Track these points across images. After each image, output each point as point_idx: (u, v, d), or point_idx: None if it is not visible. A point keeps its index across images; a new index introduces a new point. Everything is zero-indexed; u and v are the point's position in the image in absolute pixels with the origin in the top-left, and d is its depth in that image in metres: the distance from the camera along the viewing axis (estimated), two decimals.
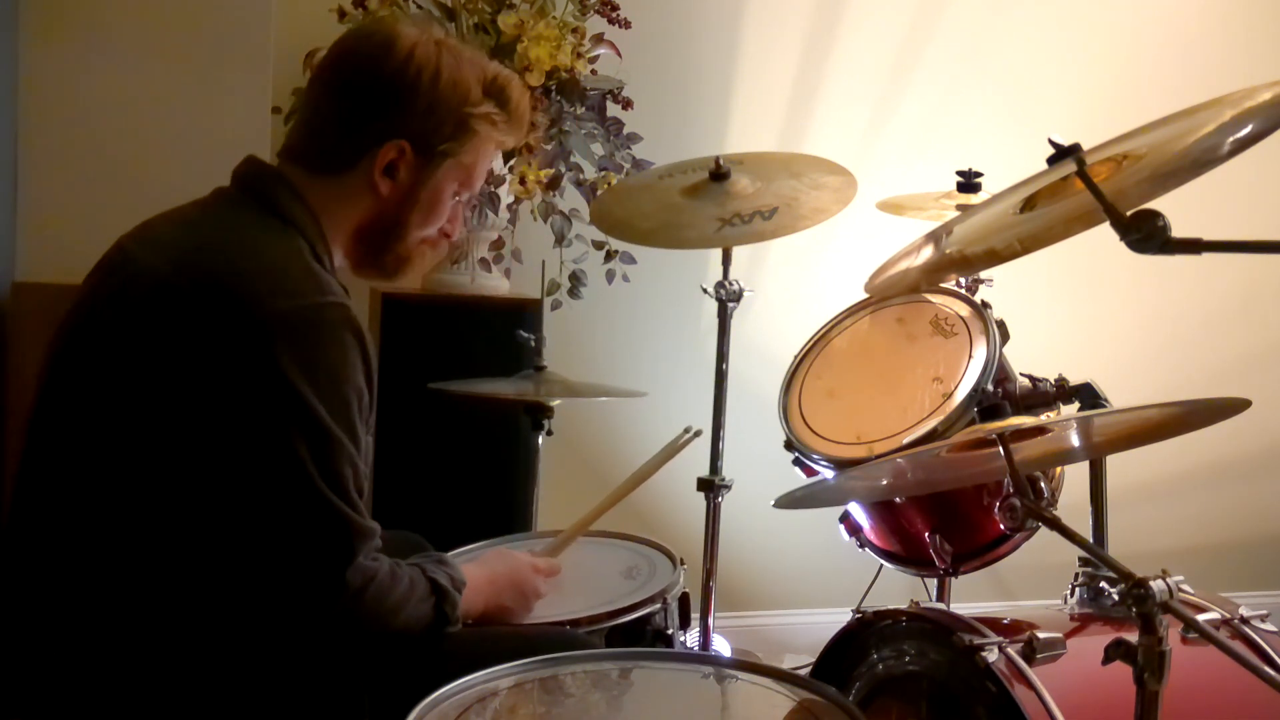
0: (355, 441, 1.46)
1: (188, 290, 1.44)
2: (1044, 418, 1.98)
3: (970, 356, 2.03)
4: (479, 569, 1.72)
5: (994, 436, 1.49)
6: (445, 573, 1.58)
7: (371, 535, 1.48)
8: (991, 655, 1.60)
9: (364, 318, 2.77)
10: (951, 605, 2.26)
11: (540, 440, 2.36)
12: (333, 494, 1.42)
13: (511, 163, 2.61)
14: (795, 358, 2.23)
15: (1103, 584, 1.86)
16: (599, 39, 2.66)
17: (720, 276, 2.48)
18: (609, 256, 2.71)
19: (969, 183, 2.64)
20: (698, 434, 2.20)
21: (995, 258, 1.88)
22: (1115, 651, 1.28)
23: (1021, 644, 1.61)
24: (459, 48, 1.61)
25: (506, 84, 1.62)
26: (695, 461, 2.54)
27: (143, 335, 1.44)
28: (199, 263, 1.47)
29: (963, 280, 2.42)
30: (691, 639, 2.32)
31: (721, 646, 2.67)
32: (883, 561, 2.21)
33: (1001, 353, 2.05)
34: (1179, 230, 1.25)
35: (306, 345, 1.42)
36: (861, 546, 2.18)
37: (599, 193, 2.63)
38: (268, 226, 1.52)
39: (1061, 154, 1.39)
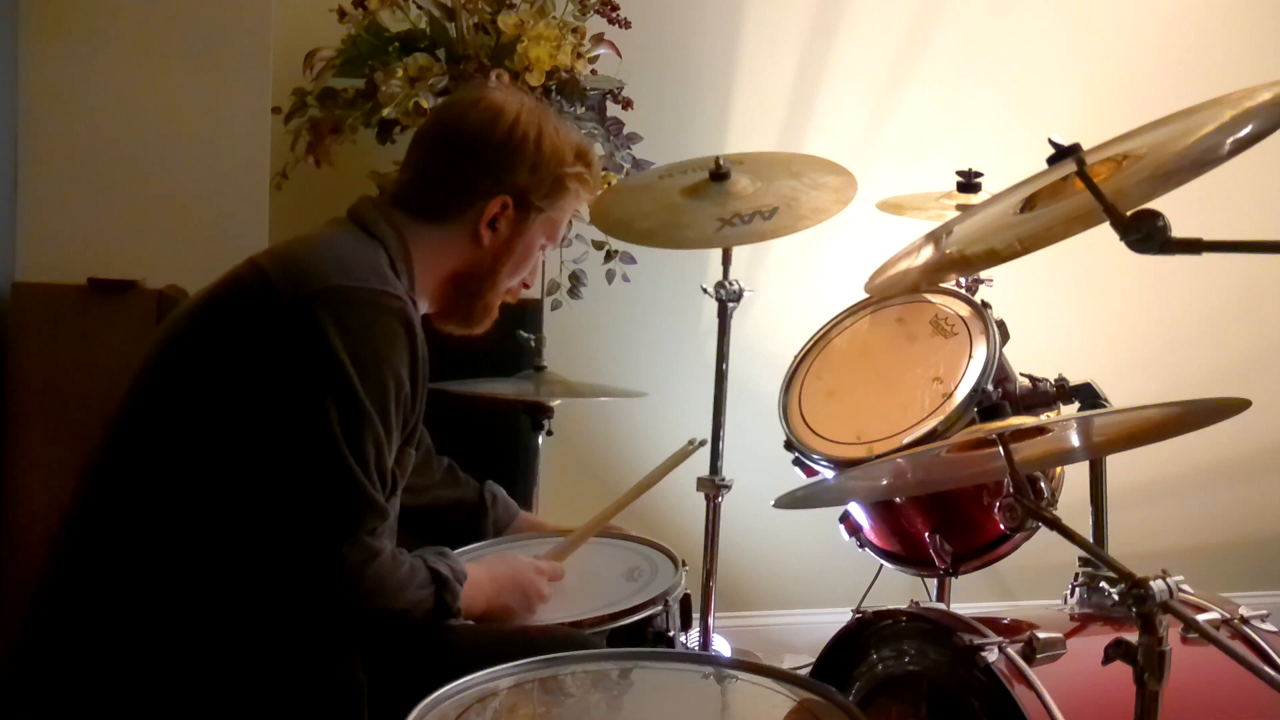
0: (386, 424, 1.52)
1: (266, 271, 1.57)
2: (1044, 418, 1.98)
3: (970, 356, 2.03)
4: (481, 568, 1.73)
5: (994, 436, 1.49)
6: (446, 564, 1.61)
7: (384, 514, 1.53)
8: (991, 655, 1.60)
9: None
10: (951, 605, 2.26)
11: (540, 440, 2.36)
12: (354, 460, 1.48)
13: None
14: (795, 358, 2.23)
15: (1103, 584, 1.86)
16: (599, 39, 2.66)
17: (720, 276, 2.48)
18: (609, 256, 2.71)
19: (969, 183, 2.64)
20: (702, 444, 2.24)
21: (995, 258, 1.88)
22: (1115, 651, 1.28)
23: (1021, 644, 1.61)
24: (551, 113, 1.79)
25: (589, 149, 1.80)
26: (695, 461, 2.53)
27: (222, 315, 1.57)
28: (286, 254, 1.62)
29: (963, 280, 2.42)
30: (691, 639, 2.32)
31: (721, 647, 2.67)
32: (883, 561, 2.21)
33: (1001, 353, 2.05)
34: (1179, 230, 1.25)
35: (354, 320, 1.51)
36: (861, 546, 2.18)
37: (599, 193, 2.62)
38: (356, 236, 1.66)
39: (1061, 154, 1.39)
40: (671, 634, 1.85)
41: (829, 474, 2.03)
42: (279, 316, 1.51)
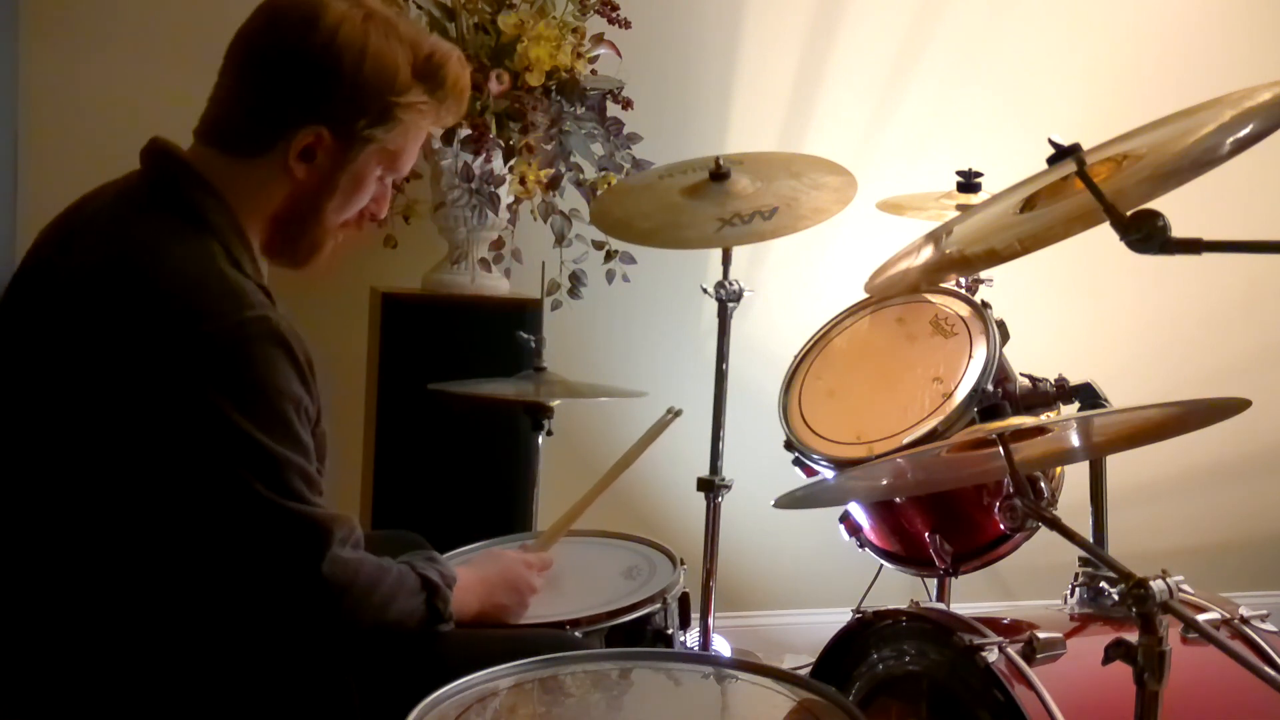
0: (303, 451, 1.44)
1: (111, 308, 1.39)
2: (1044, 418, 1.98)
3: (970, 356, 2.03)
4: (470, 571, 1.71)
5: (994, 436, 1.49)
6: (436, 569, 1.57)
7: (341, 523, 1.45)
8: (991, 655, 1.60)
9: (364, 317, 2.81)
10: (951, 605, 2.26)
11: (540, 440, 2.36)
12: (289, 502, 1.40)
13: (512, 163, 2.61)
14: (795, 358, 2.23)
15: (1103, 584, 1.86)
16: (599, 39, 2.65)
17: (720, 276, 2.48)
18: (609, 256, 2.71)
19: (969, 183, 2.64)
20: (679, 414, 2.19)
21: (995, 258, 1.88)
22: (1115, 651, 1.28)
23: (1021, 644, 1.61)
24: (393, 21, 1.49)
25: (443, 63, 1.51)
26: (695, 461, 2.54)
27: (69, 352, 1.40)
28: (119, 277, 1.40)
29: (963, 280, 2.42)
30: (691, 639, 2.32)
31: (721, 646, 2.67)
32: (883, 561, 2.21)
33: (1001, 353, 2.05)
34: (1179, 230, 1.25)
35: (234, 371, 1.37)
36: (861, 546, 2.18)
37: (599, 193, 2.62)
38: (178, 233, 1.44)
39: (1061, 154, 1.39)
40: (670, 632, 1.85)
41: (829, 474, 2.03)
42: (155, 371, 1.35)
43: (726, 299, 2.47)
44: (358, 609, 1.46)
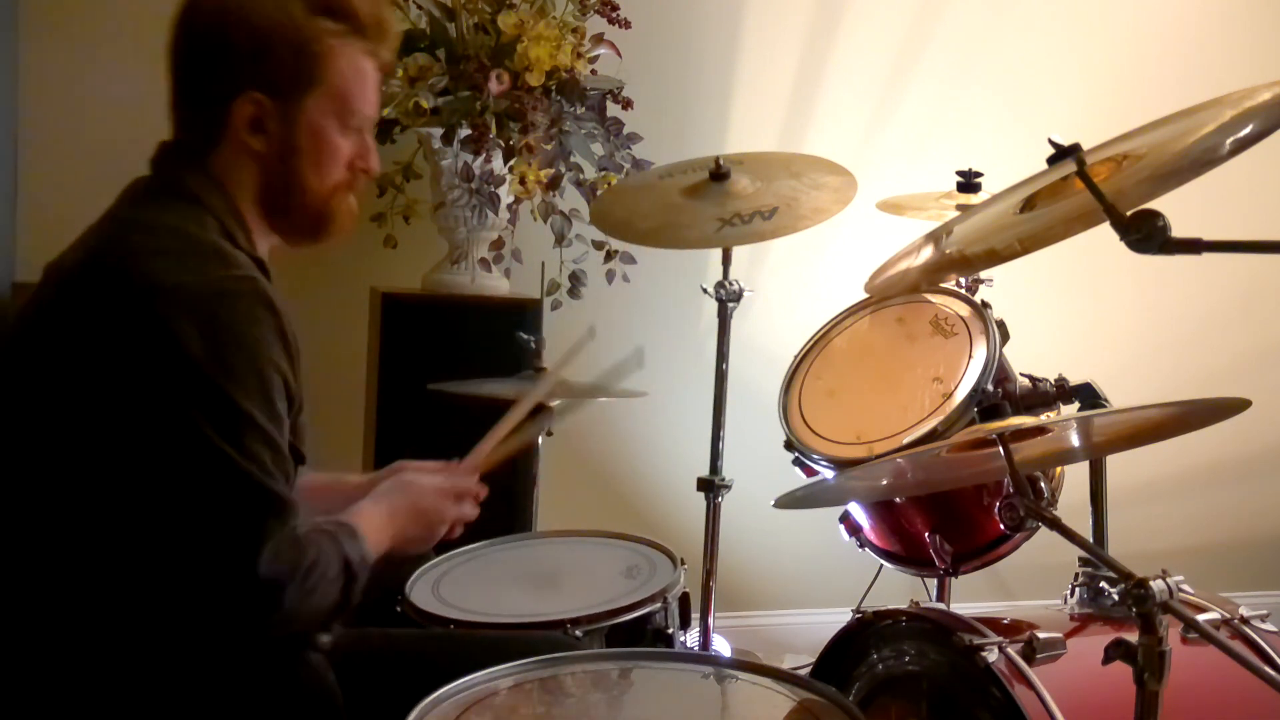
0: (274, 420, 1.38)
1: (88, 277, 1.40)
2: (1044, 418, 1.98)
3: (970, 356, 2.03)
4: (375, 506, 1.60)
5: (994, 436, 1.49)
6: (359, 550, 1.46)
7: (295, 510, 1.40)
8: (991, 655, 1.60)
9: (364, 317, 2.81)
10: (951, 605, 2.26)
11: (540, 440, 2.36)
12: (245, 461, 1.34)
13: (511, 163, 2.61)
14: (795, 358, 2.23)
15: (1103, 584, 1.86)
16: (599, 39, 2.66)
17: (720, 276, 2.48)
18: (609, 256, 2.71)
19: (969, 183, 2.64)
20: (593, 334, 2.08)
21: (995, 258, 1.88)
22: (1115, 651, 1.28)
23: (1021, 644, 1.61)
24: None
25: None
26: (695, 461, 2.54)
27: (52, 328, 1.40)
28: (101, 252, 1.43)
29: (963, 280, 2.42)
30: (691, 639, 2.32)
31: (721, 646, 2.67)
32: (883, 561, 2.21)
33: (1001, 353, 2.05)
34: (1179, 230, 1.25)
35: (212, 321, 1.35)
36: (861, 546, 2.18)
37: (599, 193, 2.63)
38: (173, 208, 1.47)
39: (1061, 154, 1.39)
40: (671, 631, 1.85)
41: (829, 474, 2.03)
42: (129, 330, 1.34)
43: (726, 299, 2.47)
44: (296, 597, 1.36)
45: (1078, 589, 1.88)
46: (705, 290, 2.50)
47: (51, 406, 1.38)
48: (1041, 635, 1.62)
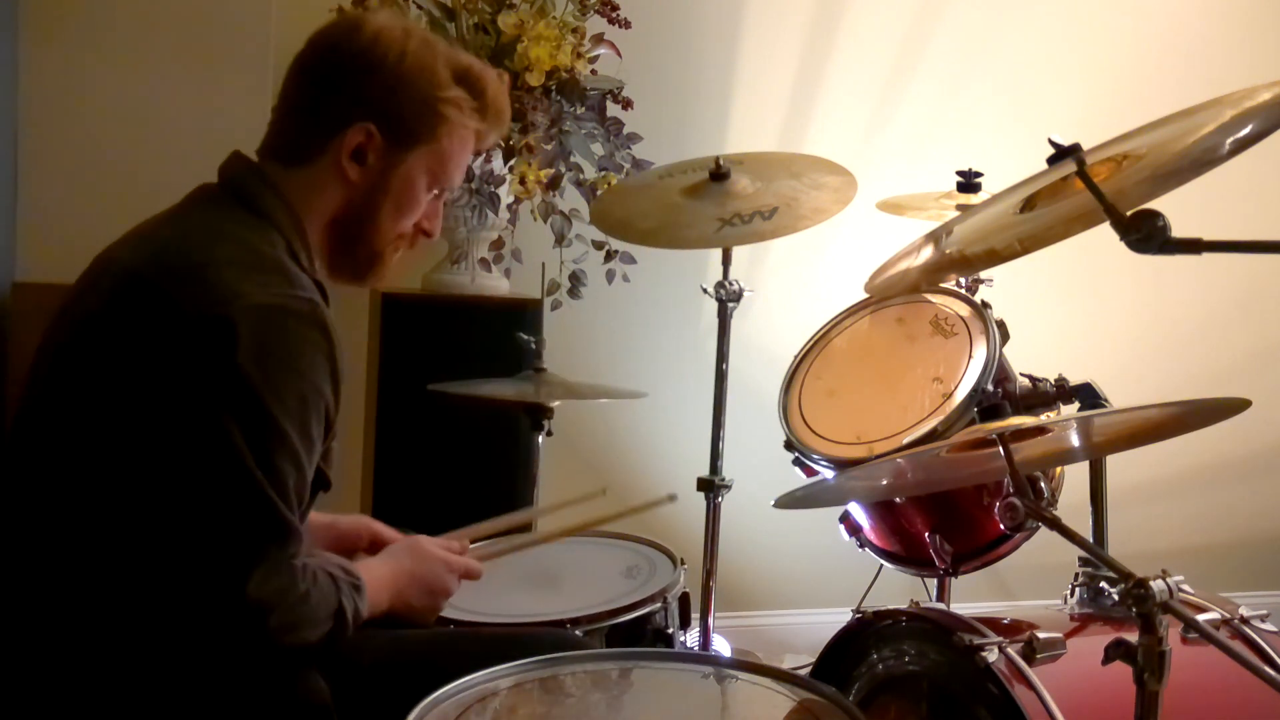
0: (307, 443, 1.40)
1: (155, 280, 1.41)
2: (1044, 418, 1.98)
3: (970, 356, 2.03)
4: (383, 564, 1.64)
5: (994, 436, 1.49)
6: (355, 603, 1.47)
7: (300, 539, 1.41)
8: (991, 655, 1.60)
9: (363, 317, 2.81)
10: (951, 605, 2.26)
11: (540, 441, 2.36)
12: (268, 483, 1.35)
13: (512, 163, 2.61)
14: (795, 358, 2.23)
15: (1103, 584, 1.86)
16: (599, 39, 2.66)
17: (720, 276, 2.48)
18: (609, 256, 2.71)
19: (969, 183, 2.64)
20: (672, 498, 2.07)
21: (995, 258, 1.88)
22: (1115, 651, 1.28)
23: (1021, 644, 1.61)
24: (432, 39, 1.57)
25: (480, 75, 1.58)
26: (695, 461, 2.54)
27: (112, 328, 1.41)
28: (168, 253, 1.45)
29: (963, 280, 2.42)
30: (691, 639, 2.32)
31: (721, 646, 2.67)
32: (883, 561, 2.21)
33: (1001, 353, 2.05)
34: (1179, 230, 1.25)
35: (267, 335, 1.37)
36: (861, 546, 2.18)
37: (599, 193, 2.63)
38: (242, 221, 1.50)
39: (1061, 154, 1.39)
40: (671, 631, 1.85)
41: (829, 474, 2.03)
42: (184, 333, 1.36)
43: (726, 299, 2.47)
44: (279, 626, 1.37)
45: (1078, 589, 1.88)
46: (705, 290, 2.50)
47: (99, 397, 1.39)
48: (1041, 635, 1.62)
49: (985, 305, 2.15)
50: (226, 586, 1.34)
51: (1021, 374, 2.08)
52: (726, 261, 2.49)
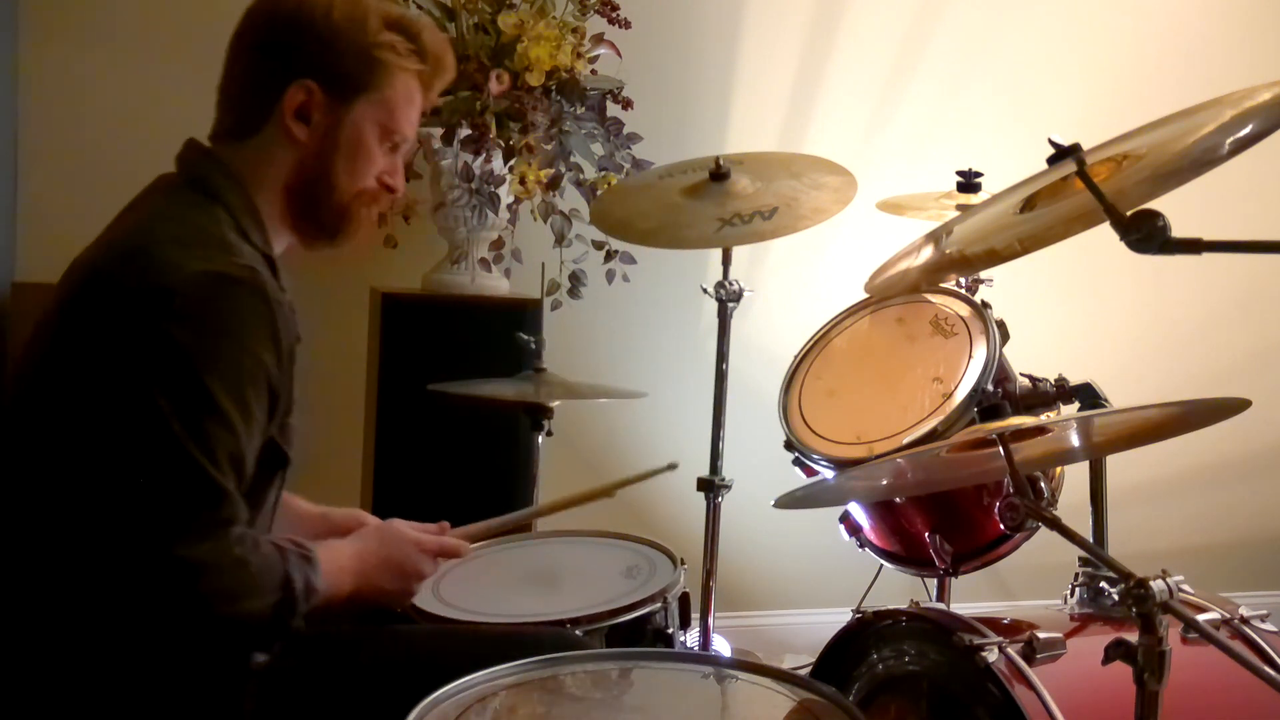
0: (243, 409, 1.39)
1: (104, 266, 1.45)
2: (1044, 418, 1.98)
3: (970, 356, 2.03)
4: (348, 546, 1.61)
5: (994, 436, 1.49)
6: (305, 574, 1.45)
7: (236, 506, 1.39)
8: (991, 655, 1.60)
9: (364, 317, 2.81)
10: (951, 605, 2.26)
11: (540, 441, 2.36)
12: (198, 451, 1.35)
13: (512, 163, 2.61)
14: (795, 358, 2.23)
15: (1103, 584, 1.86)
16: (599, 39, 2.65)
17: (720, 276, 2.48)
18: (609, 256, 2.71)
19: (969, 183, 2.64)
20: (673, 467, 2.06)
21: (995, 258, 1.88)
22: (1115, 651, 1.28)
23: (1021, 644, 1.61)
24: None
25: (414, 21, 1.60)
26: (695, 461, 2.54)
27: (68, 319, 1.44)
28: (117, 241, 1.48)
29: (963, 280, 2.42)
30: (691, 639, 2.32)
31: (721, 646, 2.67)
32: (883, 561, 2.21)
33: (1001, 353, 2.05)
34: (1179, 230, 1.25)
35: (202, 302, 1.37)
36: (861, 546, 2.18)
37: (599, 193, 2.62)
38: (192, 203, 1.51)
39: (1061, 154, 1.39)
40: (671, 631, 1.85)
41: (829, 474, 2.03)
42: (123, 307, 1.38)
43: (726, 299, 2.47)
44: (217, 593, 1.36)
45: (1078, 589, 1.88)
46: (705, 290, 2.50)
47: (57, 388, 1.42)
48: (1041, 635, 1.62)
49: (985, 305, 2.15)
50: (155, 547, 1.34)
51: (1021, 374, 2.08)
52: (726, 261, 2.49)
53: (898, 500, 2.05)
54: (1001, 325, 2.09)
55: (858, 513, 2.16)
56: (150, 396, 1.35)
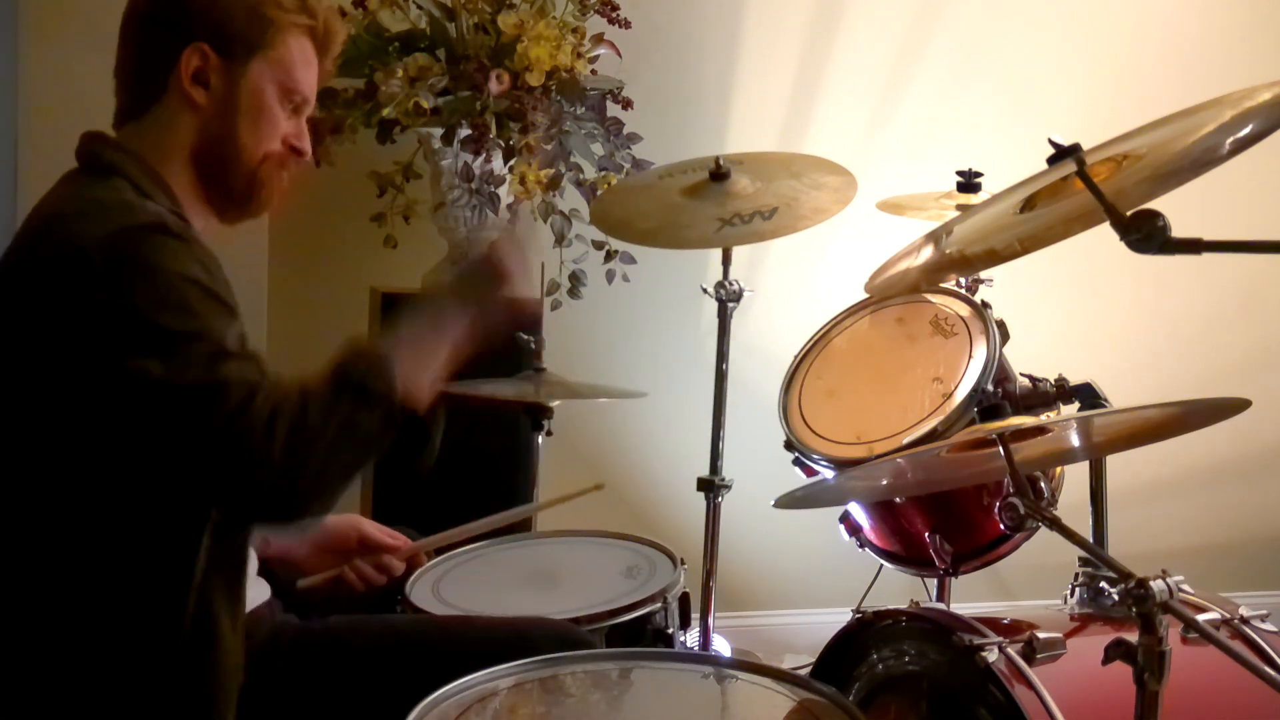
0: (201, 314, 1.37)
1: (18, 257, 1.46)
2: (1044, 418, 1.98)
3: (970, 356, 2.03)
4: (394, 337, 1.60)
5: (994, 436, 1.49)
6: (360, 364, 1.45)
7: (248, 371, 1.37)
8: (991, 655, 1.60)
9: (363, 317, 2.81)
10: (951, 605, 2.26)
11: (540, 441, 2.36)
12: (185, 374, 1.34)
13: (512, 163, 2.61)
14: (795, 358, 2.23)
15: (1103, 584, 1.86)
16: (599, 39, 2.65)
17: (720, 276, 2.48)
18: (609, 256, 2.71)
19: (969, 183, 2.64)
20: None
21: (995, 258, 1.88)
22: (1115, 651, 1.28)
23: (1021, 644, 1.61)
24: None
25: None
26: (695, 461, 2.54)
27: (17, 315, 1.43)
28: (24, 232, 1.49)
29: (963, 280, 2.42)
30: (691, 639, 2.32)
31: (721, 646, 2.67)
32: (883, 561, 2.21)
33: (1001, 353, 2.05)
34: (1179, 230, 1.25)
35: (118, 261, 1.37)
36: (861, 546, 2.18)
37: (599, 193, 2.62)
38: (89, 183, 1.52)
39: (1061, 154, 1.39)
40: (671, 631, 1.85)
41: (829, 474, 2.03)
42: (46, 280, 1.38)
43: (726, 299, 2.47)
44: (296, 444, 1.34)
45: (1078, 589, 1.88)
46: (705, 290, 2.50)
47: (26, 396, 1.41)
48: (1041, 635, 1.62)
49: (985, 305, 2.15)
50: (221, 437, 1.33)
51: (1021, 374, 2.08)
52: (726, 261, 2.49)
53: (898, 500, 2.05)
54: (1001, 325, 2.09)
55: (858, 513, 2.15)
56: (119, 364, 1.34)
